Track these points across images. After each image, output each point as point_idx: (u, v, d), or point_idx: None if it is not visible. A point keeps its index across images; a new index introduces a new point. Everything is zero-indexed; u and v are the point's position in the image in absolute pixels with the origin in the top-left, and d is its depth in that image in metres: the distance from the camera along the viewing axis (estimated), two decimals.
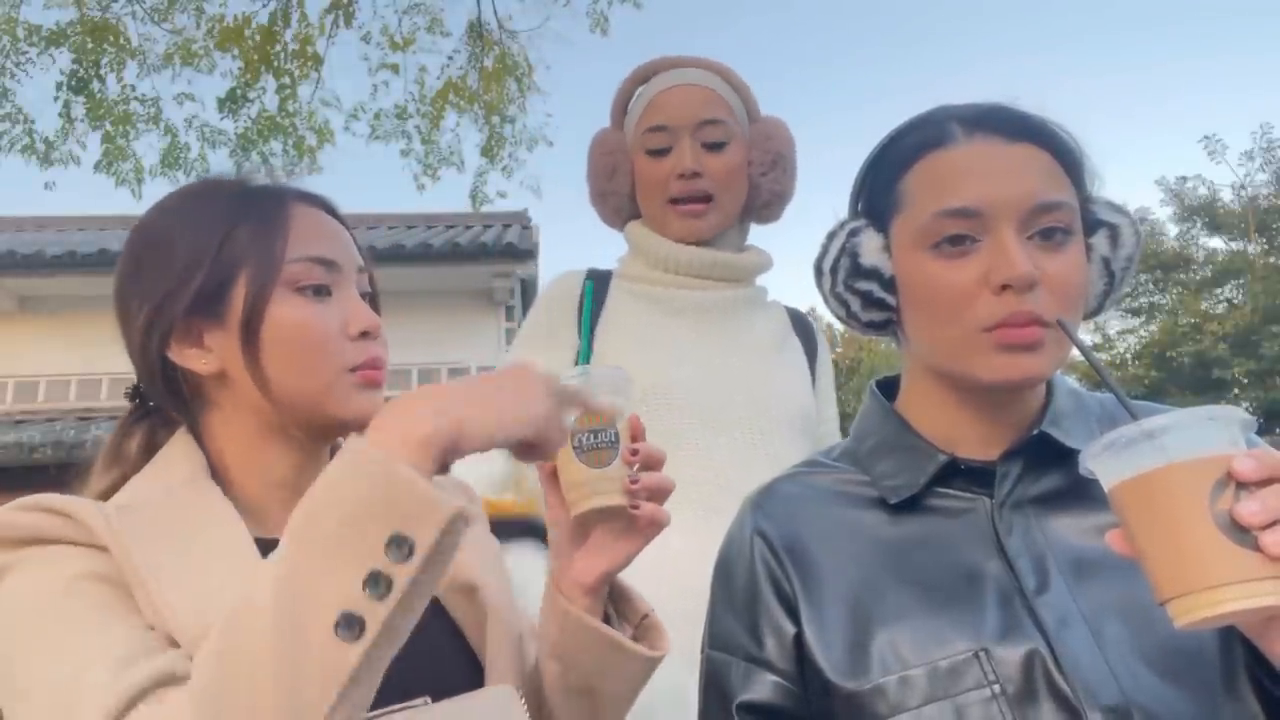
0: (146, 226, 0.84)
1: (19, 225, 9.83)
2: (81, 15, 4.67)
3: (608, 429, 0.79)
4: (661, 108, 1.41)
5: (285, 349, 0.77)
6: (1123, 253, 0.82)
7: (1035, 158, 0.78)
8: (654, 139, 1.40)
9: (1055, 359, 0.77)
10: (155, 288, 0.79)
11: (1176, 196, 16.04)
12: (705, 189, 1.39)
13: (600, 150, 1.49)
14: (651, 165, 1.41)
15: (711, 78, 1.43)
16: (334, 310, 0.80)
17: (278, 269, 0.77)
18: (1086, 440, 0.77)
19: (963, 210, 0.76)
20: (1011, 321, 0.74)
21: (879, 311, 0.85)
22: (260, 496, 0.81)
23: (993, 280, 0.75)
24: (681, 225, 1.41)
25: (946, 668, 0.72)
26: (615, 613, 0.85)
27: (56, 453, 6.16)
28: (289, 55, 4.97)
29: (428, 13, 5.44)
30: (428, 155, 5.61)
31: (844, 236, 0.85)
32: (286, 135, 5.11)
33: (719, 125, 1.40)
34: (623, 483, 0.78)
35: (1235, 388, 13.72)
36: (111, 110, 4.79)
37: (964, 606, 0.75)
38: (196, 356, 0.79)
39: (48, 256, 7.92)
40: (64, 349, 8.14)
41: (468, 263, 8.37)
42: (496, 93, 5.50)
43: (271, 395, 0.77)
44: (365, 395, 0.80)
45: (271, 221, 0.79)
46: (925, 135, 0.82)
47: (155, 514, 0.72)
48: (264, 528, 0.81)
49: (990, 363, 0.76)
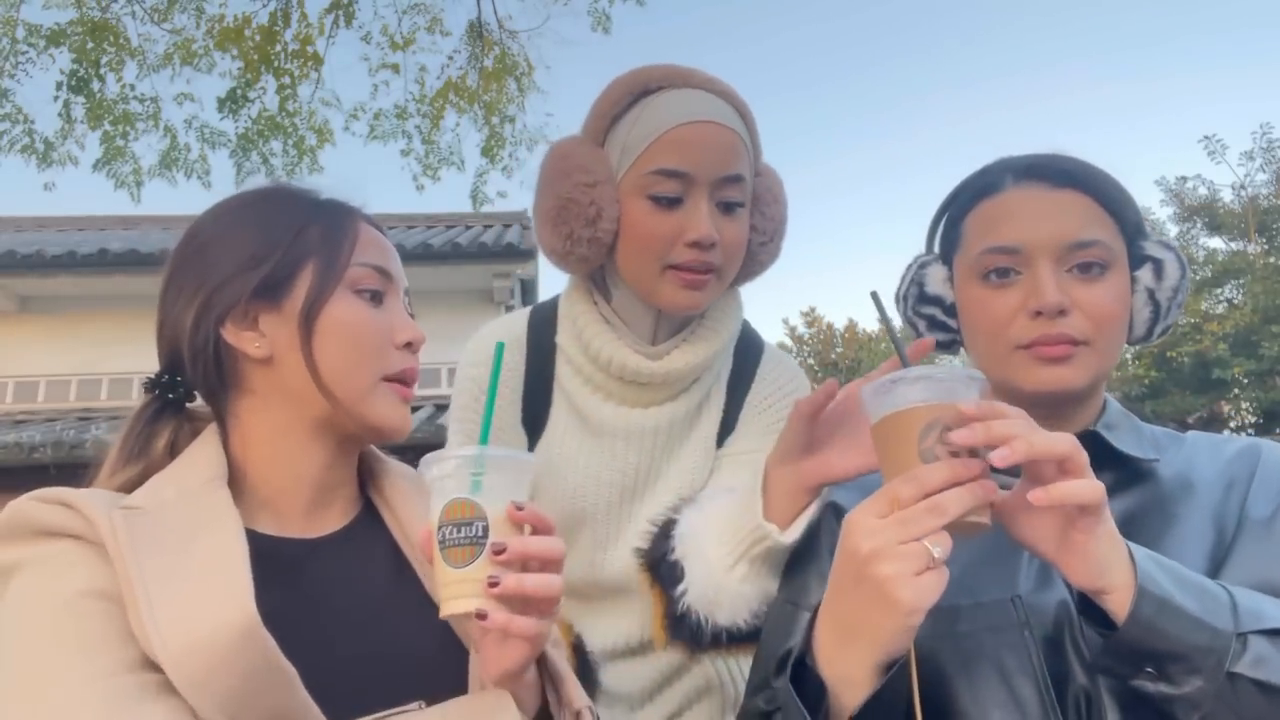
0: (215, 216, 0.88)
1: (19, 225, 9.83)
2: (81, 15, 4.67)
3: (474, 522, 0.68)
4: (680, 147, 1.10)
5: (338, 342, 0.82)
6: (1167, 284, 0.92)
7: (1076, 201, 0.90)
8: (665, 185, 1.10)
9: (1088, 372, 0.87)
10: (219, 270, 0.83)
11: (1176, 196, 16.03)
12: (715, 264, 1.12)
13: (578, 179, 1.12)
14: (655, 217, 1.10)
15: (734, 117, 1.14)
16: (384, 318, 0.85)
17: (343, 267, 0.84)
18: (1137, 448, 0.90)
19: (1006, 248, 0.90)
20: (1043, 341, 0.87)
21: (943, 333, 1.00)
22: (282, 493, 0.83)
23: (1029, 306, 0.88)
24: (681, 297, 1.13)
25: (984, 605, 0.81)
26: (556, 698, 0.80)
27: (56, 453, 6.16)
28: (289, 55, 4.96)
29: (428, 13, 5.45)
30: (428, 155, 5.62)
31: (915, 269, 1.02)
32: (286, 135, 5.11)
33: (740, 185, 1.14)
34: (482, 585, 0.68)
35: (1235, 388, 13.71)
36: (111, 110, 4.79)
37: (1003, 565, 0.84)
38: (250, 339, 0.83)
39: (48, 256, 7.92)
40: (64, 349, 8.15)
41: (468, 263, 8.37)
42: (496, 93, 5.50)
43: (321, 382, 0.81)
44: (395, 406, 0.85)
45: (342, 226, 0.86)
46: (984, 183, 0.96)
47: (161, 519, 0.73)
48: (282, 526, 0.82)
49: (1028, 374, 0.88)
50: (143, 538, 0.70)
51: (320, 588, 0.79)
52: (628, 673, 1.27)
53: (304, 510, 0.84)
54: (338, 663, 0.75)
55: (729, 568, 1.01)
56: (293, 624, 0.72)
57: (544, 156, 1.19)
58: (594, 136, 1.17)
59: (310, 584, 0.79)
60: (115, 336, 8.04)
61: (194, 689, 0.64)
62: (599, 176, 1.12)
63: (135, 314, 9.15)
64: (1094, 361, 0.88)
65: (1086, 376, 0.87)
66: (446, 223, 9.88)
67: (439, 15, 5.47)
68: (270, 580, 0.71)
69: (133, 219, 9.76)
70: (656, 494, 1.24)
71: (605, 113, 1.15)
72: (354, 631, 0.78)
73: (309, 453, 0.84)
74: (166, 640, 0.65)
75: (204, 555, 0.72)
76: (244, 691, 0.66)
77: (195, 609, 0.67)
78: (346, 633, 0.77)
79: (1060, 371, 0.87)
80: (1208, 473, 0.89)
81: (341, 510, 0.87)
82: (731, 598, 1.02)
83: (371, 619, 0.79)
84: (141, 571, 0.68)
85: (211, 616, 0.66)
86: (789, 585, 0.99)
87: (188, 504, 0.76)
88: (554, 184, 1.14)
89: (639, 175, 1.11)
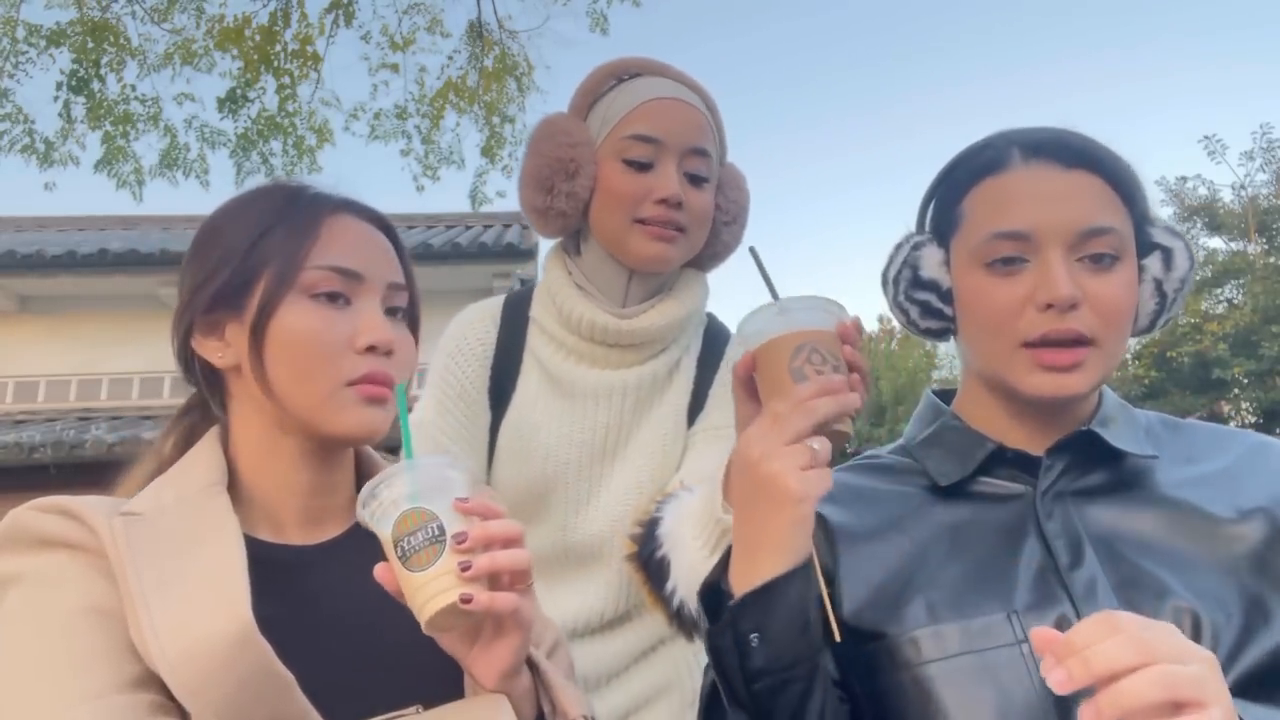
0: (207, 221, 0.87)
1: (19, 225, 9.83)
2: (81, 15, 4.67)
3: (428, 524, 0.69)
4: (652, 117, 1.23)
5: (288, 352, 0.78)
6: (1175, 275, 0.86)
7: (1088, 184, 0.83)
8: (638, 149, 1.22)
9: (1093, 379, 0.82)
10: (196, 274, 0.82)
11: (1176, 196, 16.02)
12: (681, 222, 1.24)
13: (561, 139, 1.26)
14: (626, 177, 1.23)
15: (702, 104, 1.29)
16: (345, 321, 0.80)
17: (295, 273, 0.79)
18: (1133, 443, 0.85)
19: (1014, 233, 0.82)
20: (1053, 339, 0.80)
21: (936, 320, 0.91)
22: (275, 500, 0.82)
23: (1038, 299, 0.80)
24: (649, 248, 1.23)
25: (979, 626, 0.76)
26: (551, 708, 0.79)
27: (56, 453, 6.16)
28: (289, 55, 4.96)
29: (428, 13, 5.46)
30: (428, 155, 5.62)
31: (907, 250, 0.92)
32: (286, 135, 5.11)
33: (706, 159, 1.26)
34: (455, 574, 0.68)
35: (1235, 388, 13.71)
36: (111, 110, 4.79)
37: (1001, 579, 0.79)
38: (215, 349, 0.81)
39: (48, 256, 7.92)
40: (64, 349, 8.15)
41: (468, 263, 8.37)
42: (496, 93, 5.50)
43: (273, 395, 0.78)
44: (364, 410, 0.80)
45: (303, 227, 0.81)
46: (987, 159, 0.87)
47: (160, 525, 0.73)
48: (280, 533, 0.82)
49: (1030, 379, 0.82)
50: (141, 545, 0.70)
51: (318, 594, 0.79)
52: (591, 654, 1.28)
53: (299, 517, 0.83)
54: (336, 669, 0.74)
55: (706, 558, 1.04)
56: (291, 631, 0.71)
57: (532, 130, 1.34)
58: (578, 112, 1.31)
59: (308, 591, 0.79)
60: (115, 336, 8.06)
61: (192, 696, 0.64)
62: (579, 139, 1.26)
63: (135, 314, 9.17)
64: (1100, 364, 0.82)
65: (1092, 383, 0.82)
66: (446, 223, 9.88)
67: (439, 15, 5.49)
68: (268, 587, 0.70)
69: (133, 219, 9.77)
70: (628, 456, 1.30)
71: (589, 91, 1.30)
72: (352, 637, 0.77)
73: (292, 459, 0.82)
74: (165, 648, 0.65)
75: (202, 562, 0.71)
76: (241, 698, 0.66)
77: (192, 616, 0.67)
78: (344, 639, 0.77)
79: (1065, 380, 0.81)
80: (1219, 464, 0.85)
81: (339, 517, 0.86)
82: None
83: (369, 625, 0.78)
84: (140, 579, 0.68)
85: (208, 623, 0.66)
86: None
87: (186, 510, 0.76)
88: (538, 145, 1.27)
89: (615, 140, 1.24)
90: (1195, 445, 0.88)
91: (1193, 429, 0.92)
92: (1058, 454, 0.84)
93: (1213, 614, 0.73)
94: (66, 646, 0.66)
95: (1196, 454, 0.87)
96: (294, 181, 0.88)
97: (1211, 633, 0.72)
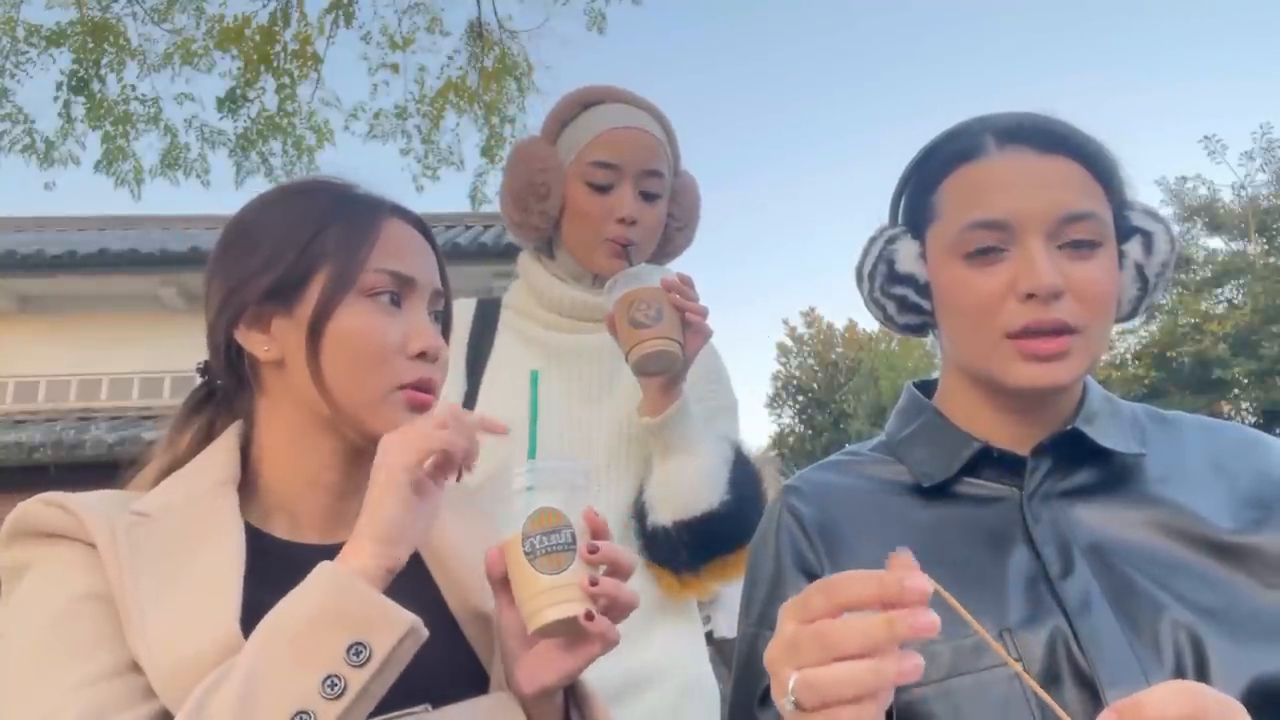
0: (245, 213, 0.87)
1: (19, 225, 9.82)
2: (81, 15, 4.67)
3: (562, 529, 0.71)
4: (612, 145, 1.42)
5: (346, 351, 0.79)
6: (1156, 259, 0.84)
7: (1066, 169, 0.80)
8: (599, 174, 1.42)
9: (1079, 367, 0.79)
10: (237, 270, 0.82)
11: (1176, 196, 16.04)
12: (634, 237, 1.43)
13: (534, 164, 1.46)
14: (590, 199, 1.43)
15: (656, 127, 1.48)
16: (399, 325, 0.82)
17: (357, 272, 0.80)
18: (1120, 439, 0.82)
19: (992, 222, 0.79)
20: (1036, 329, 0.77)
21: (914, 315, 0.89)
22: (297, 497, 0.82)
23: (1019, 289, 0.78)
24: (609, 264, 1.43)
25: (971, 645, 0.73)
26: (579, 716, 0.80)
27: (56, 453, 6.16)
28: (289, 55, 4.96)
29: (428, 13, 5.44)
30: (427, 155, 5.61)
31: (882, 243, 0.89)
32: (286, 135, 5.11)
33: (659, 179, 1.45)
34: (582, 587, 0.70)
35: (1235, 388, 13.71)
36: (111, 110, 4.79)
37: (990, 590, 0.76)
38: (260, 341, 0.82)
39: (48, 256, 7.91)
40: (64, 349, 8.14)
41: (467, 263, 8.35)
42: (496, 93, 5.49)
43: (326, 393, 0.79)
44: (404, 416, 0.81)
45: (362, 227, 0.83)
46: (960, 147, 0.85)
47: (165, 527, 0.74)
48: (296, 531, 0.82)
49: (1014, 370, 0.79)
50: (144, 549, 0.71)
51: None
52: None
53: (320, 516, 0.83)
54: None
55: (652, 472, 1.32)
56: None
57: (510, 152, 1.58)
58: (548, 138, 1.51)
59: None
60: (115, 336, 8.05)
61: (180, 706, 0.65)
62: (549, 165, 1.46)
63: (135, 314, 9.14)
64: (1086, 352, 0.79)
65: (1077, 371, 0.79)
66: (446, 223, 9.87)
67: (439, 15, 5.47)
68: (278, 584, 0.70)
69: (133, 219, 9.76)
70: (616, 398, 1.43)
71: (557, 118, 1.51)
72: None
73: (323, 457, 0.83)
74: (157, 661, 0.66)
75: (199, 570, 0.72)
76: None
77: (182, 628, 0.68)
78: None
79: (1050, 370, 0.78)
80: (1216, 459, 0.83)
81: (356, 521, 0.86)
82: (665, 489, 1.31)
83: None
84: (137, 586, 0.69)
85: (194, 641, 0.67)
86: (751, 610, 0.89)
87: (193, 510, 0.76)
88: (514, 168, 1.50)
89: (580, 165, 1.44)
90: (1184, 439, 0.86)
91: (1180, 421, 0.89)
92: (1042, 455, 0.82)
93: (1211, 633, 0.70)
94: (66, 632, 0.67)
95: (1185, 448, 0.85)
96: (338, 179, 0.89)
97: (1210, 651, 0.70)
